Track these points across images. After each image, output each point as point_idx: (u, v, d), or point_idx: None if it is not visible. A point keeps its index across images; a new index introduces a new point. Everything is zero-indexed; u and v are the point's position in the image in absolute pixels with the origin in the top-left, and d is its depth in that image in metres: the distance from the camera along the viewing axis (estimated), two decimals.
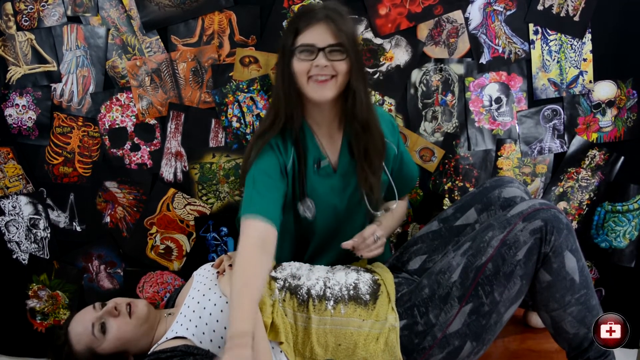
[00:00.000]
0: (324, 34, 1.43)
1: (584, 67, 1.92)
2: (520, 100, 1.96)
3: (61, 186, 2.06)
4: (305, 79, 1.46)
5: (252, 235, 1.35)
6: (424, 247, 1.66)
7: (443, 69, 1.94)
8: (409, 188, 1.86)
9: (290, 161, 1.54)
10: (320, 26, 1.43)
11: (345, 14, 1.48)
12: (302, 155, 1.56)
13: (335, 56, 1.44)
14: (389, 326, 1.40)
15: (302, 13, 1.48)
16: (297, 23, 1.46)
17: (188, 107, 1.98)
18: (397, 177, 1.70)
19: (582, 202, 2.00)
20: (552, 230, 1.31)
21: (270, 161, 1.50)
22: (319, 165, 1.58)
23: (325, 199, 1.59)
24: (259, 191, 1.44)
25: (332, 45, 1.43)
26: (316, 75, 1.44)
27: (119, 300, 1.49)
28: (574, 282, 1.34)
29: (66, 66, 1.98)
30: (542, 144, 1.98)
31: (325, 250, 1.68)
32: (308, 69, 1.44)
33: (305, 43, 1.43)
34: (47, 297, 2.15)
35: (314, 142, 1.58)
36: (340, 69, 1.45)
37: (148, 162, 2.03)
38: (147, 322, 1.47)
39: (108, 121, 2.01)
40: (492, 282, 1.34)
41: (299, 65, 1.45)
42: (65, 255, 2.12)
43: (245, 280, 1.27)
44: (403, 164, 1.72)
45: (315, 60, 1.43)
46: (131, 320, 1.45)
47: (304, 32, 1.44)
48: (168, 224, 2.07)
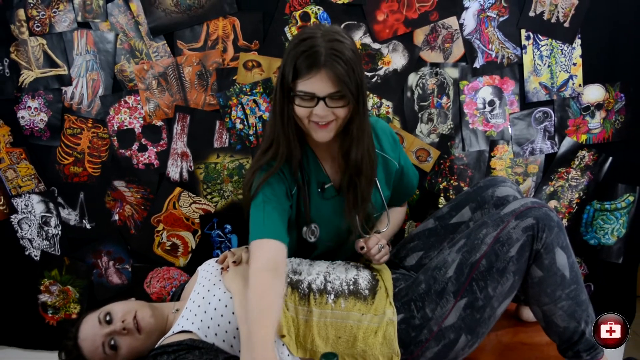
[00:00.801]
0: (324, 83, 1.31)
1: (573, 71, 1.92)
2: (512, 103, 1.96)
3: (71, 185, 2.06)
4: (306, 122, 1.39)
5: (263, 258, 1.31)
6: (421, 244, 1.67)
7: (438, 73, 1.94)
8: (408, 196, 1.84)
9: (295, 186, 1.51)
10: (320, 75, 1.30)
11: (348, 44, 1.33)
12: (306, 181, 1.52)
13: (335, 103, 1.34)
14: (387, 320, 1.40)
15: (303, 51, 1.31)
16: (297, 60, 1.31)
17: (193, 109, 1.98)
18: (397, 187, 1.70)
19: (572, 200, 2.00)
20: (544, 227, 1.32)
21: (276, 186, 1.45)
22: (323, 188, 1.55)
23: (329, 220, 1.56)
24: (267, 214, 1.39)
25: (332, 94, 1.32)
26: (317, 121, 1.37)
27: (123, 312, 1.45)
28: (565, 277, 1.35)
29: (76, 70, 1.98)
30: (533, 145, 1.98)
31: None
32: (308, 115, 1.36)
33: (305, 91, 1.33)
34: (58, 292, 2.15)
35: (317, 166, 1.54)
36: (340, 114, 1.37)
37: (155, 162, 2.03)
38: (156, 330, 1.46)
39: (117, 123, 2.01)
40: (485, 277, 1.35)
41: (299, 110, 1.36)
42: (76, 251, 2.12)
43: (261, 308, 1.22)
44: (404, 175, 1.70)
45: (315, 109, 1.34)
46: (141, 336, 1.43)
47: (304, 78, 1.31)
48: (174, 222, 2.07)
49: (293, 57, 1.32)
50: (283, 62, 1.36)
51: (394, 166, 1.64)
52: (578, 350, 1.38)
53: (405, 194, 1.79)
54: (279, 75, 1.38)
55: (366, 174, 1.48)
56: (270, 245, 1.34)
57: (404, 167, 1.69)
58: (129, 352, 1.43)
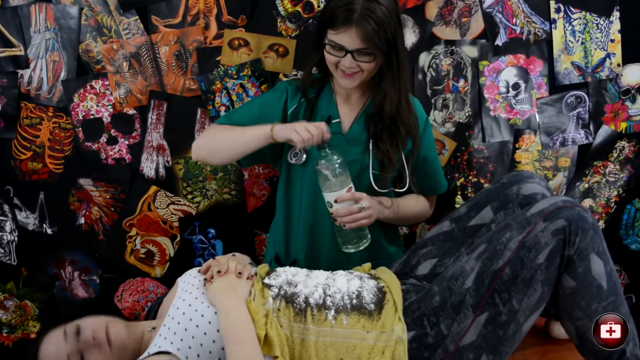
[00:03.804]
0: (353, 39, 1.54)
1: (611, 49, 1.92)
2: (540, 86, 1.96)
3: (30, 184, 2.05)
4: (334, 68, 1.63)
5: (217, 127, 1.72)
6: (435, 250, 1.66)
7: (454, 52, 1.94)
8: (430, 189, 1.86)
9: (294, 105, 1.74)
10: (350, 31, 1.53)
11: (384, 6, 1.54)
12: (311, 104, 1.74)
13: (362, 57, 1.57)
14: (396, 338, 1.39)
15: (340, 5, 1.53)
16: (334, 12, 1.54)
17: (171, 95, 1.98)
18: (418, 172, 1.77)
19: (609, 199, 2.01)
20: (577, 230, 1.31)
21: (271, 97, 1.77)
22: (329, 121, 1.69)
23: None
24: (242, 108, 1.78)
25: (359, 50, 1.55)
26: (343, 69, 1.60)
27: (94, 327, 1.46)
28: (601, 288, 1.34)
29: (34, 50, 1.97)
30: (564, 134, 1.98)
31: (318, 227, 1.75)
32: (336, 62, 1.60)
33: (335, 42, 1.57)
34: (14, 308, 2.14)
35: (331, 101, 1.75)
36: (366, 68, 1.59)
37: (127, 156, 2.03)
38: (129, 349, 1.47)
39: (82, 111, 2.00)
40: (509, 288, 1.34)
41: (329, 57, 1.61)
42: (35, 261, 2.12)
43: (224, 132, 1.68)
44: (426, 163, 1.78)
45: (343, 60, 1.58)
46: (112, 350, 1.44)
47: (336, 31, 1.55)
48: (149, 226, 2.07)
49: (332, 8, 1.56)
50: (324, 8, 1.65)
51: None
52: None
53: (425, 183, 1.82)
54: (319, 18, 1.65)
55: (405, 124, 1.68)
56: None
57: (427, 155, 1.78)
58: None
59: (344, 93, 1.74)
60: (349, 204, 1.59)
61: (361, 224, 1.61)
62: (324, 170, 1.58)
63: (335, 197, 1.59)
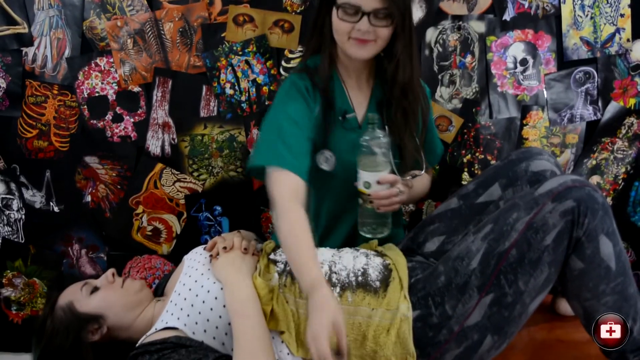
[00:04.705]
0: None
1: (621, 24, 1.91)
2: (548, 61, 1.95)
3: (36, 162, 2.06)
4: (345, 38, 1.49)
5: (286, 187, 1.43)
6: (442, 227, 1.66)
7: (462, 27, 1.93)
8: (430, 162, 1.84)
9: (317, 108, 1.58)
10: None
11: None
12: (330, 104, 1.60)
13: (379, 21, 1.45)
14: (401, 316, 1.39)
15: None
16: None
17: (176, 72, 1.98)
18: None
19: (617, 176, 2.00)
20: (586, 211, 1.29)
21: (299, 108, 1.54)
22: (344, 117, 1.62)
23: (345, 154, 1.60)
24: (286, 142, 1.47)
25: (378, 10, 1.43)
26: (357, 37, 1.48)
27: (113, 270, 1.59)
28: (610, 269, 1.33)
29: (38, 27, 1.97)
30: (573, 110, 1.97)
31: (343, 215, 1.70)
32: (349, 30, 1.47)
33: (350, 3, 1.44)
34: (23, 285, 2.16)
35: (342, 93, 1.63)
36: (382, 35, 1.48)
37: (132, 134, 2.03)
38: (136, 296, 1.52)
39: (87, 89, 2.00)
40: (516, 270, 1.33)
41: (340, 24, 1.48)
42: (43, 238, 2.13)
43: (296, 233, 1.36)
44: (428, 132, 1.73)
45: (358, 24, 1.45)
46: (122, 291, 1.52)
47: None
48: (155, 203, 2.07)
49: None
50: None
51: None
52: (624, 350, 1.37)
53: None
54: None
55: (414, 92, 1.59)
56: (290, 176, 1.44)
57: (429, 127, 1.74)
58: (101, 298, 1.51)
59: (354, 78, 1.64)
60: (387, 186, 1.53)
61: (395, 208, 1.57)
62: (375, 147, 1.50)
63: (378, 177, 1.51)
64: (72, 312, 1.49)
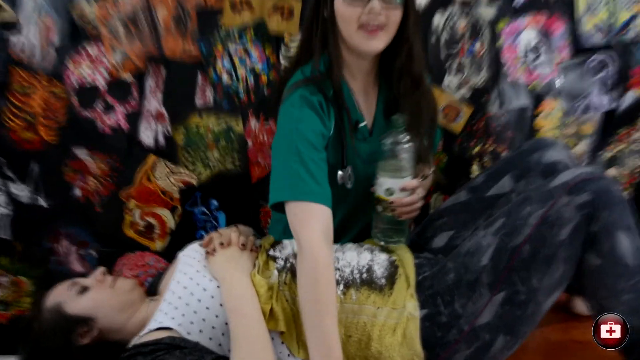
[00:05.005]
0: None
1: (637, 10, 1.89)
2: (561, 48, 1.93)
3: (23, 154, 2.05)
4: (355, 27, 1.41)
5: (316, 226, 1.36)
6: (451, 222, 1.66)
7: (470, 13, 1.92)
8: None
9: (332, 125, 1.52)
10: None
11: None
12: (344, 117, 1.54)
13: (391, 3, 1.39)
14: (408, 315, 1.38)
15: None
16: None
17: (170, 60, 1.97)
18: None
19: (635, 168, 2.00)
20: (604, 205, 1.29)
21: (315, 128, 1.46)
22: (356, 127, 1.57)
23: (358, 166, 1.59)
24: (309, 170, 1.40)
25: None
26: (368, 23, 1.39)
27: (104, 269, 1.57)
28: (628, 266, 1.31)
29: (24, 13, 1.94)
30: (587, 100, 1.96)
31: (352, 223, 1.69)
32: (359, 15, 1.39)
33: None
34: (8, 284, 2.16)
35: (351, 101, 1.57)
36: (393, 19, 1.41)
37: (124, 125, 2.02)
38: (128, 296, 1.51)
39: (76, 78, 1.99)
40: (529, 266, 1.32)
41: (348, 9, 1.39)
42: (30, 235, 2.13)
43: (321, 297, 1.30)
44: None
45: (369, 4, 1.37)
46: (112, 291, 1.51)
47: None
48: (148, 197, 2.07)
49: None
50: None
51: None
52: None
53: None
54: None
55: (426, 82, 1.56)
56: (322, 212, 1.37)
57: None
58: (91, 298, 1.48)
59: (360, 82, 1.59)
60: (409, 192, 1.51)
61: (415, 214, 1.56)
62: (401, 152, 1.48)
63: (401, 183, 1.49)
64: (60, 314, 1.47)
